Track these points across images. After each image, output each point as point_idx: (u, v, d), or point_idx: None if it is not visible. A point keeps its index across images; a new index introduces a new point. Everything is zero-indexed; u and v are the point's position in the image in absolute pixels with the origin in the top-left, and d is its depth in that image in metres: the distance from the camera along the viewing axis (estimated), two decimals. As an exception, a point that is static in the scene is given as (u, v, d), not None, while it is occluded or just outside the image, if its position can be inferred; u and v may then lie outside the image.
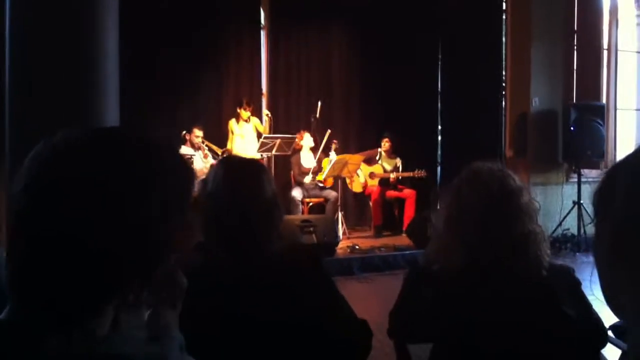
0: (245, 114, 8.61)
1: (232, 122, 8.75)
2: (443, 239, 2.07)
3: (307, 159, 8.80)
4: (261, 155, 8.37)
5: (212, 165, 8.09)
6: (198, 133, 8.30)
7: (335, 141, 8.91)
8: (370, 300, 6.17)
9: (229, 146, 8.73)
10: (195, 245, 2.04)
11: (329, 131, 8.87)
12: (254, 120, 8.80)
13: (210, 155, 8.32)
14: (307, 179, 8.64)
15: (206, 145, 8.37)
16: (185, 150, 8.21)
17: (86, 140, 0.93)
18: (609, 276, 1.00)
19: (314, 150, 8.86)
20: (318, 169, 8.74)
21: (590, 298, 2.10)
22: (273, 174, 8.28)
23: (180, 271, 1.08)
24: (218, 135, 8.91)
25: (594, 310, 2.09)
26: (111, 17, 3.13)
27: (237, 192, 1.97)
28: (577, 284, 2.10)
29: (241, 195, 1.96)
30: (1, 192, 5.95)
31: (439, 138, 10.43)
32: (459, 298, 2.00)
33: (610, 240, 0.96)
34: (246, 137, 8.67)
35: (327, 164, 8.57)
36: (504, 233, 1.98)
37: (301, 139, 8.71)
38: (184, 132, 8.35)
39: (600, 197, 1.04)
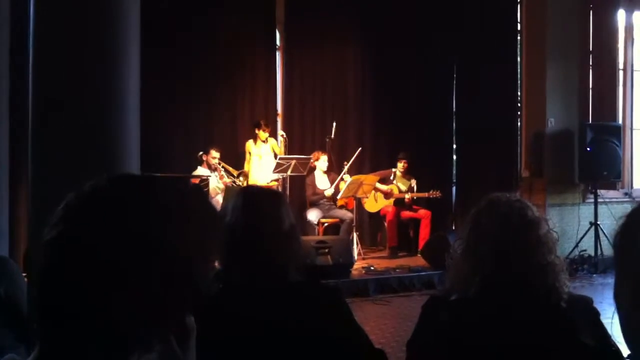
0: (263, 134, 8.67)
1: (250, 143, 8.80)
2: (460, 269, 2.07)
3: (322, 181, 8.82)
4: (280, 175, 8.38)
5: (225, 185, 8.14)
6: (215, 154, 8.35)
7: (345, 163, 8.92)
8: (386, 322, 6.15)
9: (246, 167, 8.77)
10: (213, 275, 2.06)
11: (360, 149, 8.91)
12: (272, 141, 8.86)
13: (225, 176, 8.36)
14: (329, 192, 8.63)
15: (222, 167, 8.41)
16: (201, 171, 8.27)
17: (114, 191, 0.95)
18: (631, 318, 1.00)
19: (328, 172, 8.87)
20: (335, 191, 8.72)
21: (606, 322, 2.10)
22: (288, 194, 8.32)
23: (188, 313, 1.09)
24: (234, 156, 8.97)
25: (612, 340, 2.08)
26: (133, 40, 3.17)
27: (256, 223, 1.99)
28: (597, 314, 2.08)
29: (260, 227, 1.98)
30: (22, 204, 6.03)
31: (454, 158, 10.42)
32: (475, 328, 2.00)
33: (633, 285, 0.96)
34: (264, 158, 8.72)
35: (343, 186, 8.59)
36: (522, 264, 1.98)
37: (316, 159, 8.71)
38: (201, 152, 8.41)
39: (622, 239, 1.05)
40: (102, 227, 0.90)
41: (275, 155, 8.67)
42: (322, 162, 8.75)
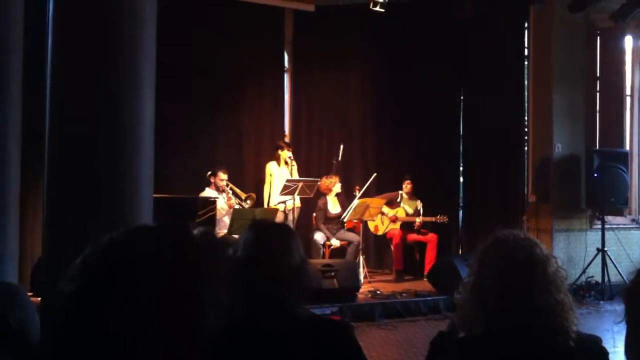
0: (285, 154, 8.68)
1: (272, 165, 8.82)
2: (467, 307, 2.07)
3: (334, 205, 8.80)
4: (291, 197, 8.34)
5: (230, 207, 8.12)
6: (223, 176, 8.36)
7: (357, 187, 8.92)
8: (391, 348, 6.13)
9: (266, 189, 8.78)
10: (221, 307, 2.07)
11: (375, 174, 8.95)
12: (294, 163, 8.85)
13: (233, 198, 8.36)
14: (335, 242, 8.60)
15: (230, 189, 8.42)
16: (209, 192, 8.28)
17: (130, 244, 0.98)
18: None
19: (339, 196, 8.87)
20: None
21: (612, 349, 2.10)
22: (296, 215, 8.32)
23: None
24: (240, 178, 8.99)
25: (620, 380, 2.07)
26: (149, 64, 3.22)
27: (266, 259, 2.00)
28: (605, 355, 2.08)
29: (269, 262, 2.00)
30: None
31: (461, 181, 10.43)
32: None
33: None
34: (285, 179, 8.66)
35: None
36: (529, 303, 1.97)
37: (333, 185, 8.69)
38: (209, 173, 8.42)
39: (633, 294, 1.06)
40: (120, 281, 0.93)
41: None
42: (337, 187, 8.76)
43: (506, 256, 2.02)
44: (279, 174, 8.74)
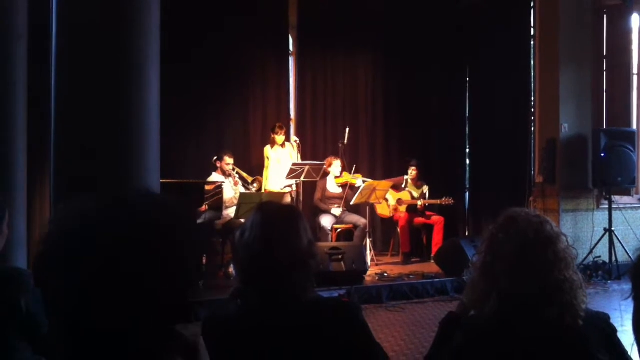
0: (279, 138, 8.68)
1: (267, 148, 8.82)
2: (478, 286, 2.07)
3: (333, 186, 8.81)
4: (293, 181, 8.39)
5: (241, 194, 8.09)
6: (229, 160, 8.33)
7: (341, 142, 9.02)
8: (399, 330, 6.15)
9: (265, 172, 8.79)
10: (232, 292, 2.07)
11: (348, 128, 8.97)
12: (289, 144, 8.86)
13: (240, 183, 8.36)
14: (337, 212, 8.61)
15: (237, 173, 8.42)
16: (215, 177, 8.27)
17: (104, 212, 0.97)
18: None
19: (340, 177, 8.88)
20: (343, 196, 8.70)
21: (620, 328, 2.10)
22: (302, 199, 8.33)
23: (201, 342, 1.09)
24: (246, 162, 9.00)
25: (629, 357, 2.07)
26: (153, 45, 3.20)
27: (274, 242, 1.99)
28: (613, 331, 2.08)
29: (278, 245, 1.99)
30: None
31: (467, 163, 10.41)
32: (491, 346, 2.00)
33: None
34: (282, 162, 8.68)
35: (347, 176, 8.63)
36: (539, 281, 1.97)
37: (329, 165, 8.72)
38: (215, 158, 8.41)
39: (638, 270, 1.06)
40: (84, 255, 0.91)
41: None
42: (335, 168, 8.75)
43: (517, 233, 2.01)
44: (275, 156, 8.76)
